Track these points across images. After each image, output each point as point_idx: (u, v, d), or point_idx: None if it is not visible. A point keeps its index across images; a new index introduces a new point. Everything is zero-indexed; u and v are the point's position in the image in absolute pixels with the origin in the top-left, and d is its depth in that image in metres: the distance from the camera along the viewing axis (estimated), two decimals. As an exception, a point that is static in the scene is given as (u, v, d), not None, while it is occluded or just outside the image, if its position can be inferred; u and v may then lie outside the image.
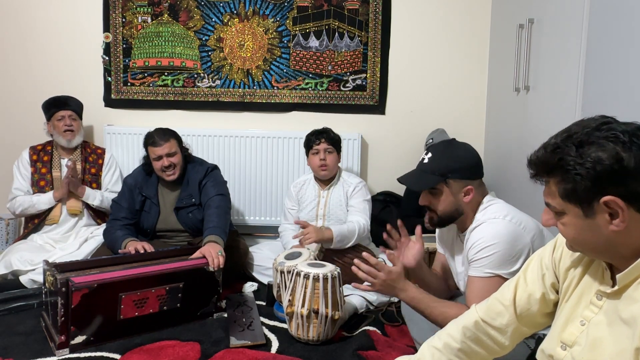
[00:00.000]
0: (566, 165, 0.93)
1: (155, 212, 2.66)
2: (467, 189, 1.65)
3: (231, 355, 1.89)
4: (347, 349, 1.95)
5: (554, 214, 1.01)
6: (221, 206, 2.57)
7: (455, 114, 3.21)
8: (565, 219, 0.98)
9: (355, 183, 2.75)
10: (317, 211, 2.76)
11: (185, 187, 2.68)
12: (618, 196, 0.89)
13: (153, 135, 2.65)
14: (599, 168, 0.89)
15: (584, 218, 0.94)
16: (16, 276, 2.50)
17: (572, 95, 1.93)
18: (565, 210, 0.97)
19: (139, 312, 2.06)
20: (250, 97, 3.26)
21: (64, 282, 1.90)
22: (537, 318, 1.18)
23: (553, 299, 1.15)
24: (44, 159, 2.86)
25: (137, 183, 2.69)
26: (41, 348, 1.95)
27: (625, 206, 0.89)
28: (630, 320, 0.92)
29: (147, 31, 3.22)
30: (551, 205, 1.00)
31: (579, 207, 0.94)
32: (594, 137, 0.91)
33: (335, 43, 3.20)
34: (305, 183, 2.85)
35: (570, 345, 1.02)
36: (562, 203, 0.97)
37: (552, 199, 0.98)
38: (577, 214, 0.95)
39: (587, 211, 0.93)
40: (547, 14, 2.25)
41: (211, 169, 2.73)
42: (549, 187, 0.99)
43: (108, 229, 2.60)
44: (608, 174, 0.89)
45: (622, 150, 0.88)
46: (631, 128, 0.92)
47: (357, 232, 2.56)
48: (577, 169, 0.91)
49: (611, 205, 0.90)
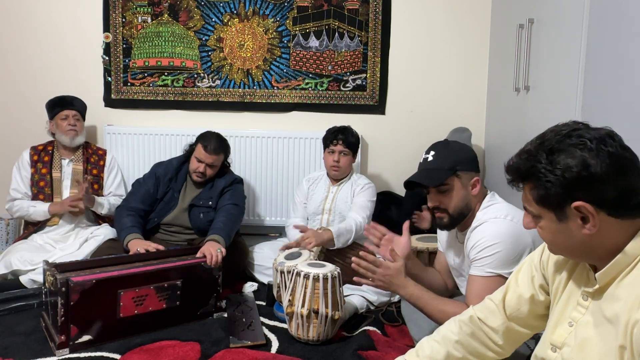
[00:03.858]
0: (537, 172, 0.96)
1: (173, 205, 2.71)
2: (474, 180, 1.68)
3: (231, 355, 1.89)
4: (347, 349, 1.95)
5: (532, 218, 1.04)
6: (232, 214, 2.63)
7: (455, 114, 3.21)
8: (542, 223, 1.02)
9: (363, 183, 2.76)
10: (324, 205, 2.78)
11: (208, 190, 2.74)
12: (588, 202, 0.92)
13: (211, 141, 2.70)
14: (568, 175, 0.93)
15: (558, 222, 0.98)
16: (16, 276, 2.49)
17: (572, 95, 1.93)
18: (541, 214, 1.00)
19: (138, 310, 2.06)
20: (250, 97, 3.26)
21: (64, 282, 1.90)
22: (530, 320, 1.19)
23: (543, 300, 1.16)
24: (44, 159, 2.85)
25: (167, 173, 2.75)
26: (41, 348, 1.94)
27: (595, 211, 0.92)
28: (613, 318, 0.94)
29: (147, 31, 3.22)
30: (528, 210, 1.04)
31: (553, 212, 0.98)
32: (564, 144, 0.95)
33: (335, 43, 3.20)
34: (318, 179, 2.87)
35: (560, 347, 1.04)
36: (537, 208, 1.00)
37: (528, 204, 1.03)
38: (551, 218, 0.99)
39: (560, 216, 0.97)
40: (547, 14, 2.25)
41: (237, 181, 2.81)
42: (524, 193, 1.03)
43: (122, 206, 2.71)
44: (577, 180, 0.92)
45: (590, 157, 0.92)
46: (600, 134, 0.95)
47: (354, 229, 2.57)
48: (547, 176, 0.95)
49: (582, 210, 0.93)
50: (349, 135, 2.73)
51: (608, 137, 0.94)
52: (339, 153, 2.70)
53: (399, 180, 3.12)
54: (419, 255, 2.31)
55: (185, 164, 2.80)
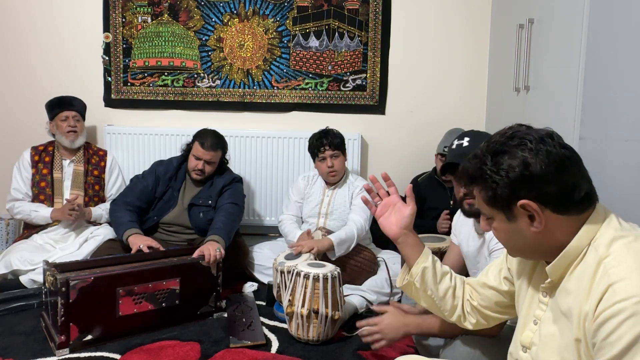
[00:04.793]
0: (484, 174, 1.00)
1: (172, 204, 2.71)
2: None
3: (231, 355, 1.89)
4: (347, 349, 1.95)
5: (486, 220, 1.08)
6: (232, 213, 2.62)
7: (456, 114, 3.21)
8: (495, 224, 1.06)
9: (361, 185, 2.74)
10: (320, 209, 2.77)
11: (208, 188, 2.74)
12: (532, 199, 0.96)
13: (207, 137, 2.69)
14: (512, 175, 0.96)
15: (508, 222, 1.02)
16: (16, 276, 2.49)
17: (572, 95, 1.93)
18: (493, 215, 1.04)
19: (137, 309, 2.07)
20: (250, 97, 3.26)
21: (64, 282, 1.90)
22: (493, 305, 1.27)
23: (507, 289, 1.23)
24: (45, 160, 2.85)
25: (168, 172, 2.75)
26: (41, 348, 1.95)
27: (539, 208, 0.96)
28: (567, 312, 0.97)
29: (147, 31, 3.22)
30: (482, 212, 1.07)
31: (502, 213, 1.01)
32: (507, 145, 0.99)
33: (335, 43, 3.20)
34: (315, 177, 2.87)
35: (529, 347, 1.07)
36: (488, 209, 1.04)
37: (480, 206, 1.06)
38: (502, 219, 1.03)
39: (509, 215, 1.00)
40: (547, 14, 2.25)
41: (237, 179, 2.80)
42: (476, 196, 1.06)
43: (118, 200, 2.68)
44: (519, 179, 0.96)
45: (530, 156, 0.96)
46: (540, 135, 0.98)
47: (355, 233, 2.53)
48: (493, 177, 0.99)
49: (527, 208, 0.96)
50: (333, 137, 2.70)
51: (547, 136, 0.98)
52: (331, 157, 2.69)
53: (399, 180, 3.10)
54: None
55: (184, 163, 2.80)
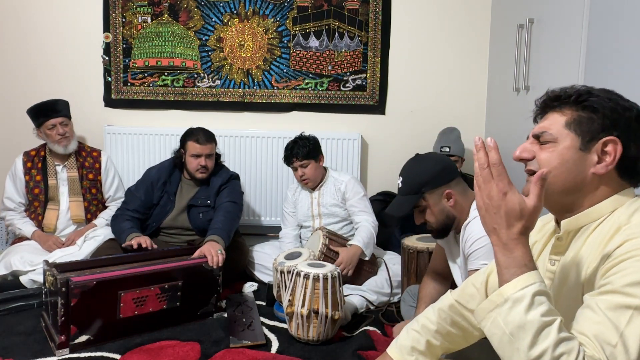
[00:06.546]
0: (593, 98, 0.98)
1: (169, 208, 2.70)
2: (446, 193, 1.73)
3: (231, 355, 1.89)
4: (347, 349, 1.95)
5: (538, 146, 1.02)
6: (231, 212, 2.62)
7: (455, 114, 3.21)
8: (553, 148, 0.99)
9: (346, 180, 2.74)
10: (312, 211, 2.78)
11: (205, 188, 2.73)
12: (622, 143, 0.95)
13: (199, 133, 2.68)
14: (626, 114, 0.96)
15: (577, 150, 0.97)
16: (16, 276, 2.50)
17: (572, 95, 1.93)
18: (561, 139, 0.99)
19: (138, 311, 2.06)
20: (250, 97, 3.26)
21: (64, 282, 1.90)
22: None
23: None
24: (38, 166, 2.80)
25: (161, 178, 2.73)
26: (41, 348, 1.94)
27: (619, 154, 0.95)
28: (579, 262, 0.96)
29: (147, 31, 3.22)
30: (545, 134, 1.01)
31: (580, 139, 0.97)
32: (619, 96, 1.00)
33: (335, 43, 3.20)
34: (299, 185, 2.87)
35: None
36: (561, 131, 0.99)
37: (550, 126, 1.01)
38: (573, 144, 0.97)
39: (585, 144, 0.97)
40: (547, 14, 2.25)
41: (234, 177, 2.80)
42: (553, 116, 1.02)
43: (117, 215, 2.66)
44: (627, 120, 0.96)
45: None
46: None
47: (372, 231, 2.60)
48: (603, 104, 0.97)
49: (609, 145, 0.95)
50: (300, 147, 2.68)
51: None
52: (300, 167, 2.70)
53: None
54: (418, 255, 2.31)
55: (179, 166, 2.76)
